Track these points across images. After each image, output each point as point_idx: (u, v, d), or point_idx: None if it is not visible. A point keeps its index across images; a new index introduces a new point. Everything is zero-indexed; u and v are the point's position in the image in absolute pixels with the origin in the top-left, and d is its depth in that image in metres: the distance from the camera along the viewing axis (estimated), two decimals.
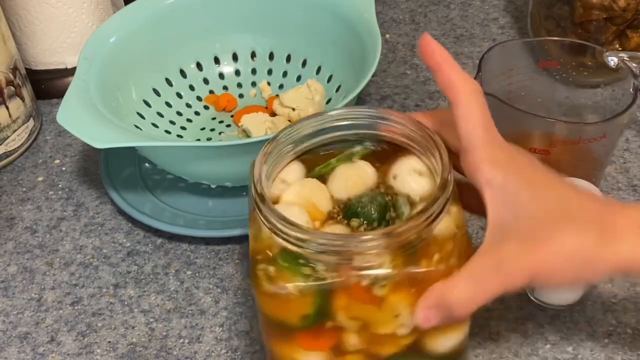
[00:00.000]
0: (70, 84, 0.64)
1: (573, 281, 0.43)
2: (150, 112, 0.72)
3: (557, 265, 0.41)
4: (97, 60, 0.68)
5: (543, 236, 0.41)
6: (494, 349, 0.55)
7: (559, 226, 0.41)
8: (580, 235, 0.41)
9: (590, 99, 0.64)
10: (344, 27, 0.70)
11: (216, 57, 0.78)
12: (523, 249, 0.41)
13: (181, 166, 0.64)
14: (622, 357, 0.54)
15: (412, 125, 0.46)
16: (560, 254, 0.41)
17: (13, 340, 0.59)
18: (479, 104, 0.43)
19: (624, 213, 0.42)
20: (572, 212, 0.42)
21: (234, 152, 0.59)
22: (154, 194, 0.68)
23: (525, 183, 0.42)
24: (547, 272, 0.41)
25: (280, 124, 0.71)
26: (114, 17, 0.72)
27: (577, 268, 0.41)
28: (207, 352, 0.57)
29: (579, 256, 0.41)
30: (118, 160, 0.71)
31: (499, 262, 0.41)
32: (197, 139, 0.73)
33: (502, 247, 0.41)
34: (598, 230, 0.41)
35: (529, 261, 0.41)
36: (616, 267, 0.42)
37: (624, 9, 0.71)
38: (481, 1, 0.93)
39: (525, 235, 0.41)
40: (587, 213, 0.42)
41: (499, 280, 0.41)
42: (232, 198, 0.68)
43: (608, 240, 0.41)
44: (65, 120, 0.60)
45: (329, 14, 0.71)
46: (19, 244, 0.67)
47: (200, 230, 0.64)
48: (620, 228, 0.41)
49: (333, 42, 0.71)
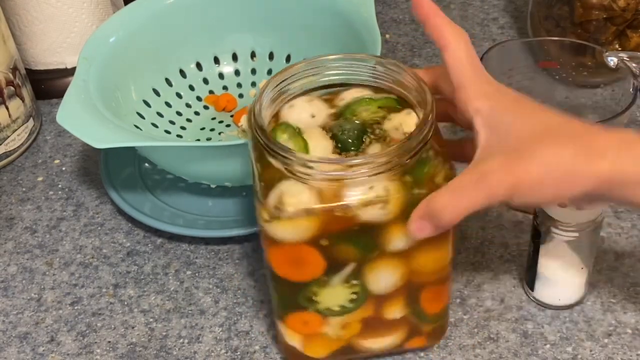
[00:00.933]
0: (70, 84, 0.64)
1: (553, 196, 0.44)
2: (150, 112, 0.72)
3: (537, 177, 0.43)
4: (97, 60, 0.67)
5: (525, 151, 0.43)
6: (494, 349, 0.55)
7: (541, 141, 0.43)
8: (560, 148, 0.43)
9: (590, 99, 0.64)
10: (343, 27, 0.70)
11: (216, 57, 0.78)
12: (505, 162, 0.43)
13: (180, 166, 0.64)
14: (621, 357, 0.54)
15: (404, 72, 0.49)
16: (539, 165, 0.42)
17: (13, 340, 0.59)
18: (465, 46, 0.47)
19: (607, 132, 0.44)
20: (555, 129, 0.44)
21: (232, 152, 0.59)
22: (154, 193, 0.68)
23: (512, 109, 0.45)
24: (527, 184, 0.43)
25: None
26: (113, 17, 0.71)
27: (556, 181, 0.43)
28: (207, 352, 0.57)
29: (558, 168, 0.42)
30: (118, 160, 0.71)
31: (481, 174, 0.44)
32: (196, 139, 0.73)
33: (486, 162, 0.44)
34: (578, 145, 0.43)
35: (509, 172, 0.43)
36: (595, 182, 0.42)
37: (623, 9, 0.71)
38: (481, 1, 0.93)
39: (508, 151, 0.44)
40: (569, 130, 0.44)
41: (480, 189, 0.43)
42: (231, 198, 0.68)
43: (588, 154, 0.42)
44: (65, 120, 0.60)
45: (329, 14, 0.71)
46: (19, 244, 0.67)
47: (200, 230, 0.64)
48: (601, 144, 0.43)
49: (333, 41, 0.71)
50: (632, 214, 0.64)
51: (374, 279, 0.49)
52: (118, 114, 0.65)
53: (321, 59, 0.51)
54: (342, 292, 0.49)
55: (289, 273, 0.49)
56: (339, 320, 0.51)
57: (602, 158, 0.42)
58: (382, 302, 0.50)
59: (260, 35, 0.77)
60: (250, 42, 0.77)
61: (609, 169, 0.42)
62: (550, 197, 0.44)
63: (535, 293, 0.58)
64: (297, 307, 0.50)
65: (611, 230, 0.63)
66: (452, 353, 0.55)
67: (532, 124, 0.44)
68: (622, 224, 0.63)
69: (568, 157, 0.42)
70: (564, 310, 0.57)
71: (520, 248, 0.62)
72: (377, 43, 0.64)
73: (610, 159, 0.42)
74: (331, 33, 0.71)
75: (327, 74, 0.51)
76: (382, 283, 0.49)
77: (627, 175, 0.42)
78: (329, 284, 0.48)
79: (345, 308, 0.50)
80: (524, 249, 0.62)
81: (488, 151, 0.45)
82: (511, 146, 0.44)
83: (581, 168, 0.42)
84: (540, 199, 0.44)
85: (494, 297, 0.59)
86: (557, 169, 0.42)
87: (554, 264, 0.55)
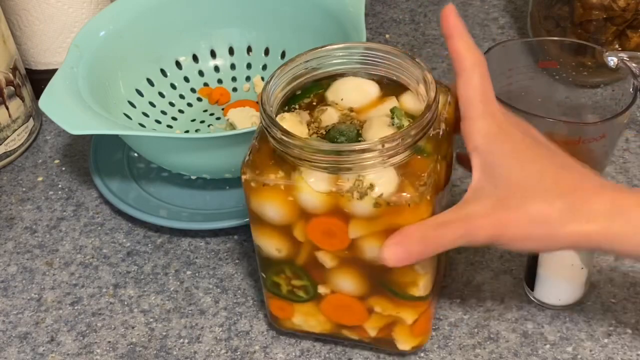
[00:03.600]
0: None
1: (535, 249, 0.45)
2: (142, 102, 0.73)
3: (519, 232, 0.43)
4: (90, 49, 0.68)
5: (512, 204, 0.43)
6: (494, 349, 0.55)
7: (531, 195, 0.43)
8: (547, 205, 0.43)
9: (590, 99, 0.64)
10: (333, 24, 0.70)
11: (212, 50, 0.78)
12: (491, 210, 0.44)
13: (158, 156, 0.65)
14: (621, 357, 0.54)
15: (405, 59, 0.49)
16: (523, 221, 0.43)
17: (13, 340, 0.59)
18: (480, 75, 0.45)
19: (600, 191, 0.44)
20: (547, 182, 0.44)
21: (207, 145, 0.60)
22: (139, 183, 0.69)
23: (510, 155, 0.44)
24: (509, 236, 0.44)
25: None
26: (109, 7, 0.72)
27: (539, 236, 0.43)
28: (207, 352, 0.57)
29: (542, 226, 0.43)
30: (107, 149, 0.72)
31: (466, 215, 0.44)
32: (186, 130, 0.74)
33: (473, 205, 0.44)
34: (567, 204, 0.43)
35: (493, 221, 0.43)
36: (581, 240, 0.43)
37: (623, 9, 0.71)
38: (481, 1, 0.93)
39: (497, 200, 0.44)
40: (561, 187, 0.44)
41: (462, 228, 0.44)
42: (224, 191, 0.68)
43: (577, 216, 0.43)
44: (46, 104, 0.61)
45: (320, 11, 0.72)
46: (19, 244, 0.67)
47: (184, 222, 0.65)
48: (593, 208, 0.43)
49: (324, 39, 0.71)
50: None
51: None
52: (107, 102, 0.66)
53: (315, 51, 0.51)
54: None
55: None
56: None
57: (592, 222, 0.42)
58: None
59: (256, 30, 0.77)
60: (247, 36, 0.78)
61: (597, 232, 0.42)
62: (533, 249, 0.45)
63: (535, 293, 0.58)
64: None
65: None
66: (452, 353, 0.55)
67: (527, 174, 0.44)
68: None
69: (555, 216, 0.43)
70: (564, 310, 0.57)
71: None
72: (362, 39, 0.65)
73: (600, 224, 0.42)
74: (323, 31, 0.72)
75: (327, 65, 0.51)
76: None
77: (617, 236, 0.42)
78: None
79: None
80: None
81: (478, 193, 0.45)
82: (501, 194, 0.44)
83: (567, 228, 0.43)
84: (522, 249, 0.46)
85: (494, 297, 0.59)
86: (541, 227, 0.43)
87: (554, 264, 0.55)
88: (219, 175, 0.66)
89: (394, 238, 0.45)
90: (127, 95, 0.72)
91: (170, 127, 0.73)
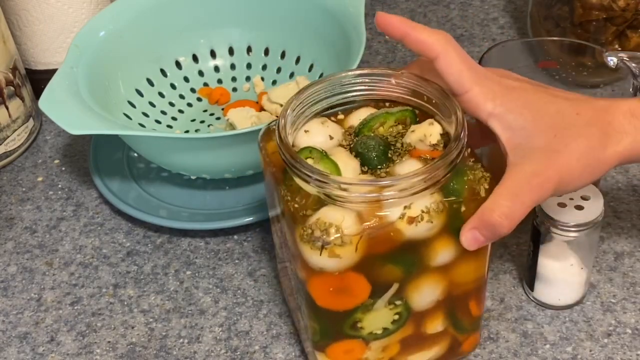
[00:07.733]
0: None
1: (590, 181, 0.47)
2: (142, 102, 0.73)
3: (577, 169, 0.45)
4: (90, 49, 0.68)
5: (560, 146, 0.45)
6: (494, 349, 0.55)
7: (568, 134, 0.45)
8: (588, 139, 0.45)
9: None
10: (332, 24, 0.70)
11: (212, 50, 0.78)
12: (547, 161, 0.45)
13: (159, 156, 0.65)
14: (621, 357, 0.54)
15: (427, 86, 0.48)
16: (578, 158, 0.45)
17: (13, 340, 0.59)
18: (454, 49, 0.46)
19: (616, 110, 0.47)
20: (571, 120, 0.46)
21: (207, 145, 0.60)
22: (139, 183, 0.69)
23: (523, 105, 0.46)
24: (570, 176, 0.45)
25: (266, 119, 0.71)
26: (108, 8, 0.72)
27: (591, 167, 0.46)
28: (207, 352, 0.57)
29: (592, 157, 0.46)
30: (107, 149, 0.72)
31: (529, 177, 0.45)
32: (186, 130, 0.74)
33: (527, 164, 0.45)
34: (599, 132, 0.46)
35: (554, 170, 0.45)
36: (620, 161, 0.47)
37: (623, 9, 0.71)
38: (481, 1, 0.93)
39: (544, 150, 0.45)
40: (583, 117, 0.46)
41: (532, 192, 0.45)
42: (231, 190, 0.68)
43: (609, 138, 0.46)
44: (45, 104, 0.61)
45: (320, 12, 0.72)
46: (19, 244, 0.67)
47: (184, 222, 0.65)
48: (618, 126, 0.46)
49: (323, 39, 0.72)
50: (632, 214, 0.64)
51: (417, 297, 0.47)
52: (107, 102, 0.66)
53: (338, 76, 0.49)
54: (386, 315, 0.47)
55: (333, 302, 0.46)
56: (380, 343, 0.49)
57: (620, 138, 0.46)
58: (422, 318, 0.49)
59: (256, 30, 0.77)
60: (247, 36, 0.78)
61: (628, 145, 0.46)
62: (588, 182, 0.47)
63: (535, 293, 0.58)
64: (340, 336, 0.48)
65: (611, 230, 0.63)
66: None
67: (549, 118, 0.46)
68: (621, 224, 0.63)
69: (597, 145, 0.45)
70: (564, 310, 0.57)
71: (520, 248, 0.62)
72: (362, 38, 0.65)
73: (627, 136, 0.46)
74: (322, 31, 0.72)
75: (347, 92, 0.49)
76: (425, 299, 0.48)
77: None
78: (374, 308, 0.47)
79: (388, 330, 0.48)
80: (523, 249, 0.62)
81: (520, 151, 0.45)
82: (542, 144, 0.45)
83: (607, 153, 0.46)
84: (579, 186, 0.47)
85: (494, 297, 0.59)
86: (592, 158, 0.46)
87: (554, 264, 0.55)
88: (218, 175, 0.66)
89: (472, 222, 0.45)
90: (127, 95, 0.72)
91: (170, 127, 0.73)
